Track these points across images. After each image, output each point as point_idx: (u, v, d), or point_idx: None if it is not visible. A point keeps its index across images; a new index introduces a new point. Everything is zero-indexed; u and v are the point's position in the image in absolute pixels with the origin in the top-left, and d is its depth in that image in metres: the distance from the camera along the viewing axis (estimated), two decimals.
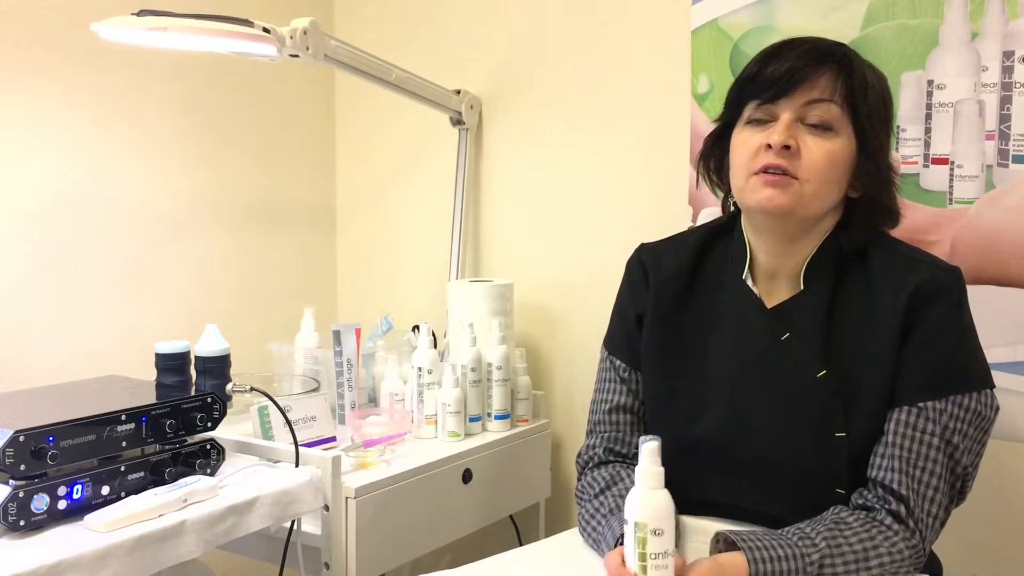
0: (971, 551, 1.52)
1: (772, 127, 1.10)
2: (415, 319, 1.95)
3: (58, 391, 1.41)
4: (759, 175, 1.10)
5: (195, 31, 1.42)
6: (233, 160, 2.08)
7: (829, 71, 1.09)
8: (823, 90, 1.09)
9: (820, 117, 1.09)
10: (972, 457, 1.10)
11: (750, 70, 1.13)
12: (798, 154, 1.08)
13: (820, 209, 1.12)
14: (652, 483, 0.95)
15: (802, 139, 1.09)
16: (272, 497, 1.33)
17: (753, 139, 1.11)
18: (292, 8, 2.07)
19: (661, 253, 1.28)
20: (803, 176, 1.09)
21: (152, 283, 1.92)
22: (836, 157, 1.09)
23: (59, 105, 1.75)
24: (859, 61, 1.13)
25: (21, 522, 1.13)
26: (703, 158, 1.23)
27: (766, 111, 1.11)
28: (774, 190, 1.09)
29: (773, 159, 1.09)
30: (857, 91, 1.09)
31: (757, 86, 1.11)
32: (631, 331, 1.27)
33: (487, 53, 2.06)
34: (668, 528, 0.93)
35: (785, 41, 1.13)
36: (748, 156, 1.12)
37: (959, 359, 1.10)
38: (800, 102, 1.09)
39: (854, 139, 1.10)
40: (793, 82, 1.08)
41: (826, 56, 1.10)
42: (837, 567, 1.02)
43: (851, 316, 1.14)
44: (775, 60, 1.10)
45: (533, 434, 1.83)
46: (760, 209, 1.12)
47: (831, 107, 1.09)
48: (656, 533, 0.93)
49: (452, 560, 1.90)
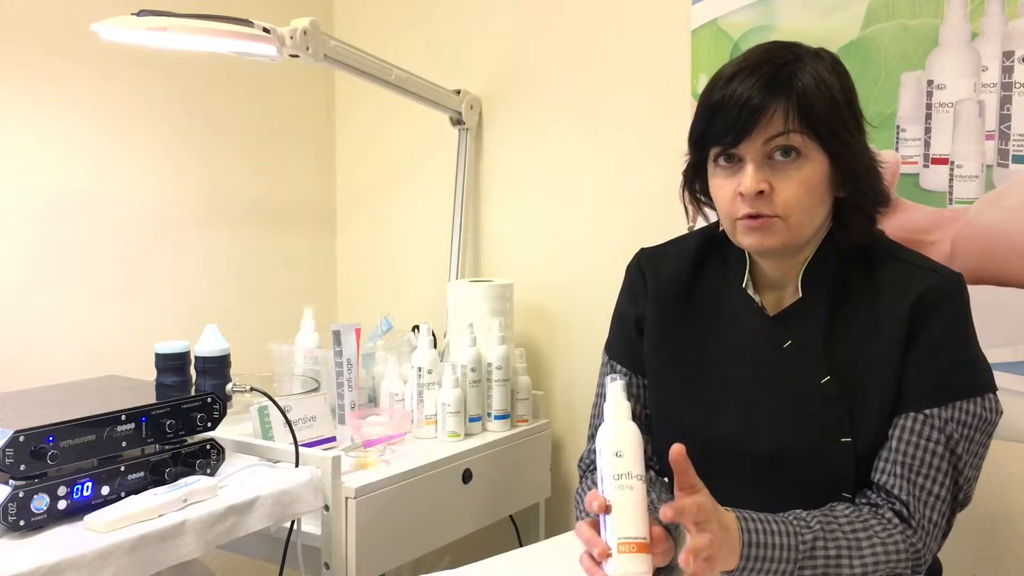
0: (971, 551, 1.53)
1: (741, 171, 1.08)
2: (415, 319, 1.95)
3: (58, 391, 1.41)
4: (742, 220, 1.10)
5: (195, 31, 1.42)
6: (233, 160, 2.08)
7: (779, 102, 1.06)
8: (778, 124, 1.06)
9: (784, 149, 1.07)
10: (976, 461, 1.10)
11: (704, 113, 1.10)
12: (772, 194, 1.07)
13: (811, 231, 1.12)
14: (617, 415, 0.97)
15: (774, 177, 1.07)
16: (272, 497, 1.33)
17: (727, 186, 1.10)
18: (292, 8, 2.07)
19: (660, 258, 1.27)
20: (784, 213, 1.08)
21: (152, 283, 1.92)
22: (811, 183, 1.08)
23: (59, 105, 1.75)
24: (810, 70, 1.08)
25: (21, 522, 1.13)
26: (687, 190, 1.22)
27: (730, 152, 1.10)
28: (760, 234, 1.09)
29: (750, 207, 1.08)
30: (815, 112, 1.06)
31: (714, 133, 1.09)
32: (631, 336, 1.27)
33: (487, 53, 2.06)
34: (629, 452, 0.94)
35: (733, 72, 1.09)
36: (727, 203, 1.11)
37: (964, 365, 1.10)
38: (760, 141, 1.07)
39: (824, 153, 1.08)
40: (746, 125, 1.06)
41: (774, 89, 1.06)
42: (829, 549, 1.02)
43: (855, 322, 1.13)
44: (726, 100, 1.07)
45: (533, 434, 1.83)
46: (752, 251, 1.15)
47: (792, 136, 1.06)
48: (617, 455, 0.94)
49: (452, 560, 1.90)
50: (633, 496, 0.93)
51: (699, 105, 1.12)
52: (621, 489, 0.93)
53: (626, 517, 0.92)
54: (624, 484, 0.93)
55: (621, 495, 0.93)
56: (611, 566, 0.92)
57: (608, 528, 0.93)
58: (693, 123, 1.14)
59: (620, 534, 0.92)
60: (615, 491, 0.93)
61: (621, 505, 0.93)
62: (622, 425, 0.96)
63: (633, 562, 0.91)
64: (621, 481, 0.93)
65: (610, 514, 0.93)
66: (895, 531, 1.06)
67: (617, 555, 0.92)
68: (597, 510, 0.94)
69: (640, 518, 0.93)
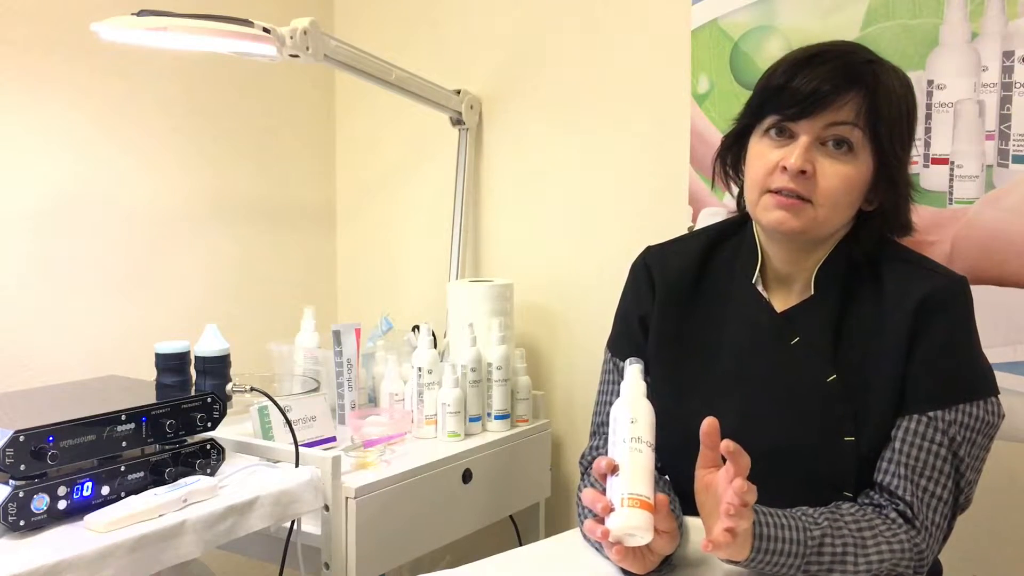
0: (971, 552, 1.53)
1: (790, 145, 1.08)
2: (415, 319, 1.95)
3: (58, 391, 1.41)
4: (772, 195, 1.09)
5: (195, 31, 1.42)
6: (233, 160, 2.08)
7: (856, 94, 1.06)
8: (847, 114, 1.06)
9: (840, 139, 1.07)
10: (977, 464, 1.11)
11: (776, 80, 1.10)
12: (814, 178, 1.07)
13: (833, 228, 1.12)
14: (634, 392, 0.99)
15: (819, 162, 1.07)
16: (272, 497, 1.33)
17: (771, 155, 1.09)
18: (292, 8, 2.07)
19: (666, 255, 1.27)
20: (817, 200, 1.07)
21: (152, 283, 1.92)
22: (852, 181, 1.08)
23: (59, 105, 1.75)
24: (888, 77, 1.09)
25: (21, 522, 1.13)
26: (720, 156, 1.21)
27: (786, 126, 1.09)
28: (786, 213, 1.08)
29: (788, 183, 1.07)
30: (882, 115, 1.07)
31: (780, 101, 1.08)
32: (635, 333, 1.27)
33: (487, 53, 2.06)
34: (643, 421, 0.96)
35: (815, 52, 1.10)
36: (764, 172, 1.10)
37: (967, 368, 1.10)
38: (821, 124, 1.06)
39: (872, 160, 1.08)
40: (818, 104, 1.06)
41: (854, 78, 1.06)
42: (836, 547, 1.02)
43: (860, 322, 1.13)
44: (802, 75, 1.07)
45: (533, 434, 1.83)
46: (771, 229, 1.13)
47: (853, 130, 1.06)
48: (632, 421, 0.96)
49: (452, 560, 1.90)
50: (642, 458, 0.93)
51: (765, 77, 1.12)
52: (632, 451, 0.94)
53: (635, 475, 0.93)
54: (635, 447, 0.94)
55: (631, 456, 0.93)
56: (615, 519, 0.92)
57: (614, 487, 0.93)
58: (754, 92, 1.14)
59: (628, 490, 0.92)
60: (626, 452, 0.93)
61: (631, 464, 0.93)
62: (639, 400, 0.98)
63: (636, 515, 0.91)
64: (632, 444, 0.94)
65: (617, 475, 0.93)
66: (899, 531, 1.06)
67: (620, 508, 0.92)
68: (605, 468, 0.94)
69: (648, 480, 0.93)
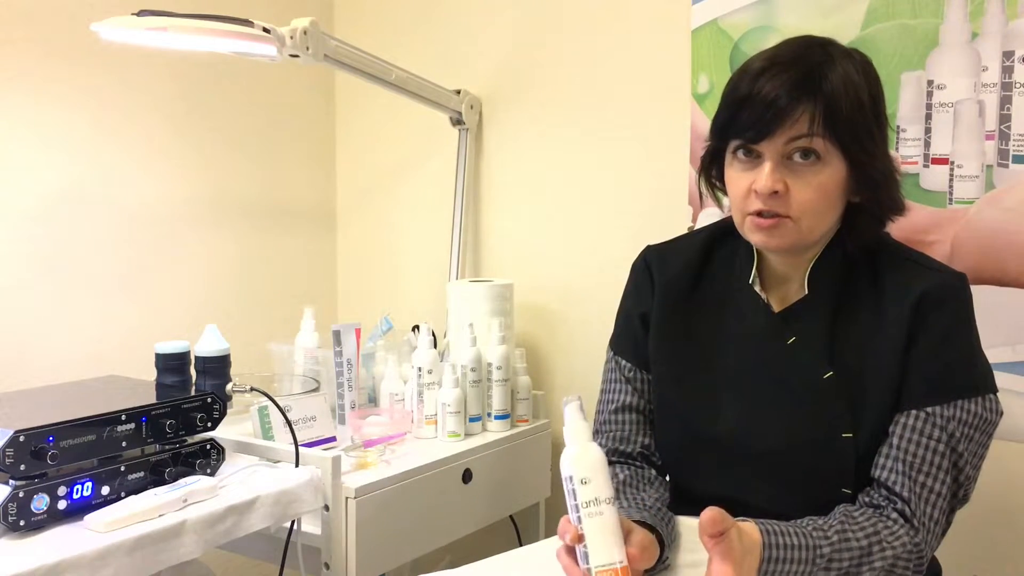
0: (971, 551, 1.53)
1: (759, 167, 1.08)
2: (415, 319, 1.95)
3: (58, 391, 1.41)
4: (753, 217, 1.10)
5: (195, 31, 1.42)
6: (233, 160, 2.08)
7: (807, 103, 1.05)
8: (802, 126, 1.05)
9: (805, 150, 1.06)
10: (976, 460, 1.11)
11: (736, 95, 1.09)
12: (788, 194, 1.07)
13: (820, 234, 1.12)
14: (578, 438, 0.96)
15: (789, 178, 1.07)
16: (272, 497, 1.33)
17: (742, 180, 1.10)
18: (292, 8, 2.07)
19: (667, 254, 1.28)
20: (796, 215, 1.08)
21: (152, 283, 1.92)
22: (827, 188, 1.08)
23: (59, 105, 1.75)
24: (841, 67, 1.07)
25: (21, 522, 1.13)
26: (703, 172, 1.22)
27: (751, 147, 1.09)
28: (768, 233, 1.09)
29: (762, 205, 1.08)
30: (839, 115, 1.05)
31: (739, 125, 1.09)
32: (636, 332, 1.27)
33: (487, 53, 2.06)
34: (594, 477, 0.94)
35: (766, 64, 1.08)
36: (740, 197, 1.11)
37: (966, 364, 1.10)
38: (782, 141, 1.06)
39: (844, 159, 1.08)
40: (773, 123, 1.05)
41: (804, 87, 1.05)
42: (843, 561, 1.03)
43: (858, 319, 1.14)
44: (755, 91, 1.06)
45: (533, 434, 1.83)
46: (759, 248, 1.15)
47: (813, 140, 1.06)
48: (583, 482, 0.94)
49: (452, 560, 1.90)
50: (603, 521, 0.94)
51: (725, 95, 1.12)
52: (591, 517, 0.94)
53: (600, 545, 0.93)
54: (594, 511, 0.94)
55: (592, 523, 0.94)
56: None
57: (584, 557, 0.94)
58: (717, 112, 1.14)
59: (596, 563, 0.93)
60: (586, 519, 0.94)
61: (593, 532, 0.93)
62: (584, 449, 0.96)
63: None
64: (590, 508, 0.94)
65: (583, 543, 0.94)
66: (901, 532, 1.06)
67: None
68: (570, 542, 0.95)
69: (614, 543, 0.94)
